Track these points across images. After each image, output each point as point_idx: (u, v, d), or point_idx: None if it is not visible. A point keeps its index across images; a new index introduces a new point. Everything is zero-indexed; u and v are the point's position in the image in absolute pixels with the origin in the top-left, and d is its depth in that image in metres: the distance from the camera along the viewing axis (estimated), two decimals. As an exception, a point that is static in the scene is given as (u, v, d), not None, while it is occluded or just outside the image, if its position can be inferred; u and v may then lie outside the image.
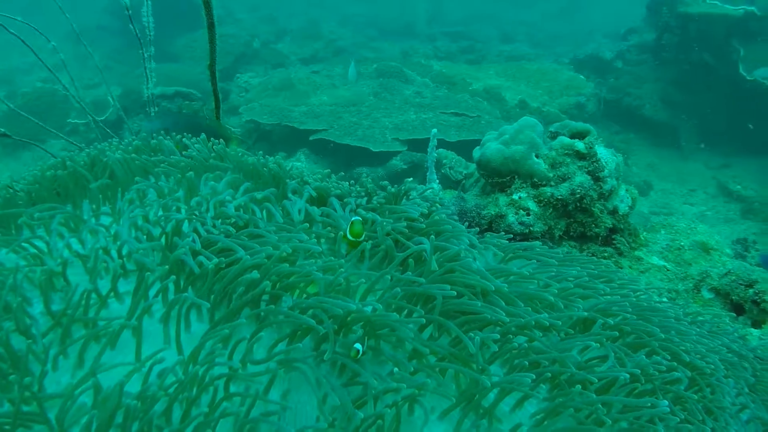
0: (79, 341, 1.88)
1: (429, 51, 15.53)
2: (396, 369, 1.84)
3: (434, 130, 5.87)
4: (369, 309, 1.96)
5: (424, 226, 2.50)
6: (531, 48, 16.75)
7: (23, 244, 2.27)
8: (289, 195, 2.57)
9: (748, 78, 9.55)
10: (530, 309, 2.21)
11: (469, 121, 9.95)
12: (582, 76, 12.79)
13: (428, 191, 2.92)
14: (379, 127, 9.46)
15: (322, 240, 2.46)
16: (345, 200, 2.61)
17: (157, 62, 5.92)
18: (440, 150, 7.45)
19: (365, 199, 2.65)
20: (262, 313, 1.87)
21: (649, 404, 1.96)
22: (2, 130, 4.53)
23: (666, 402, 1.99)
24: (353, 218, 2.23)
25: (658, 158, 11.34)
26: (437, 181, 5.36)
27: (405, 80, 11.63)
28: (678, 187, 10.60)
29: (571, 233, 3.62)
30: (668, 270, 3.67)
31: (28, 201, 2.53)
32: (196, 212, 2.27)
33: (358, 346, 1.82)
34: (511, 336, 2.09)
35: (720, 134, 10.93)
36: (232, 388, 1.78)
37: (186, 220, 2.21)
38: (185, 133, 3.07)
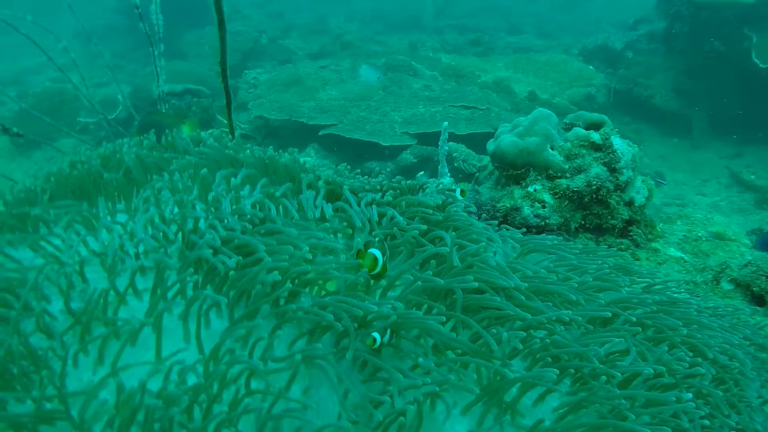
0: (100, 339, 1.87)
1: (436, 44, 15.47)
2: (421, 359, 1.82)
3: (445, 123, 5.84)
4: (389, 308, 1.94)
5: (441, 218, 2.47)
6: (539, 39, 16.65)
7: (40, 242, 2.27)
8: (304, 189, 2.55)
9: (762, 65, 9.44)
10: (551, 304, 2.19)
11: (479, 114, 9.91)
12: (591, 67, 12.71)
13: (440, 185, 2.90)
14: (389, 121, 9.44)
15: (339, 235, 2.45)
16: (360, 194, 2.59)
17: (166, 60, 5.93)
18: (450, 143, 7.41)
19: (379, 194, 2.63)
20: (281, 310, 1.85)
21: (674, 398, 1.94)
22: (15, 129, 4.55)
23: (690, 395, 1.97)
24: (371, 250, 2.03)
25: (670, 148, 11.26)
26: (448, 174, 5.33)
27: (413, 74, 11.59)
28: (690, 177, 10.51)
29: (587, 225, 3.59)
30: (686, 261, 3.64)
31: (45, 199, 2.52)
32: (212, 208, 2.26)
33: (375, 334, 1.81)
34: (532, 331, 2.07)
35: (732, 123, 10.82)
36: (253, 385, 1.77)
37: (202, 218, 2.20)
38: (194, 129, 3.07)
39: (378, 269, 1.99)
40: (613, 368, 2.01)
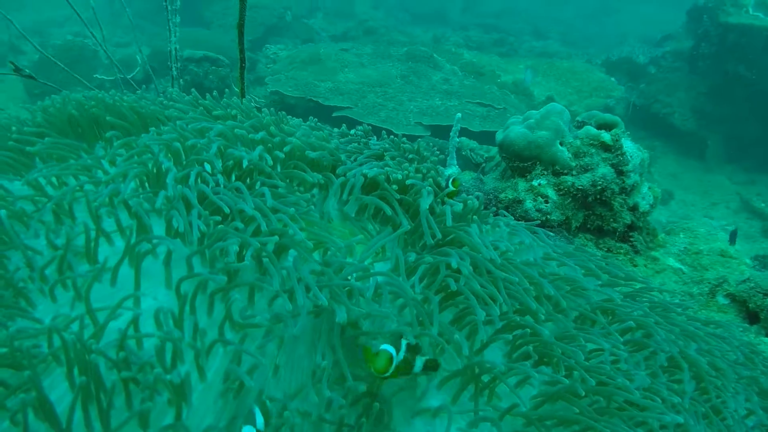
0: (80, 275, 1.85)
1: (460, 40, 15.37)
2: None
3: (458, 115, 5.80)
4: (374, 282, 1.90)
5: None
6: (563, 46, 16.51)
7: (39, 177, 2.25)
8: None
9: (784, 94, 9.34)
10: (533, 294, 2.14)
11: (495, 113, 9.84)
12: (613, 79, 12.59)
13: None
14: (404, 111, 9.39)
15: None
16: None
17: (189, 27, 5.87)
18: (462, 138, 7.36)
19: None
20: (265, 261, 1.81)
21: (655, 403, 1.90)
22: (28, 71, 4.52)
23: (679, 418, 1.90)
24: (384, 347, 1.65)
25: (682, 168, 11.16)
26: (456, 165, 5.29)
27: (434, 66, 11.52)
28: (700, 199, 10.42)
29: (588, 226, 3.54)
30: (684, 273, 3.58)
31: (43, 134, 2.50)
32: (205, 153, 2.21)
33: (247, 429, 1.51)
34: (518, 318, 2.03)
35: (748, 149, 10.72)
36: (228, 335, 1.74)
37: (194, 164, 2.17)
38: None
39: (390, 371, 1.59)
40: (596, 368, 1.97)
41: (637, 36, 16.47)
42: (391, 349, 1.59)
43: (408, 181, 2.22)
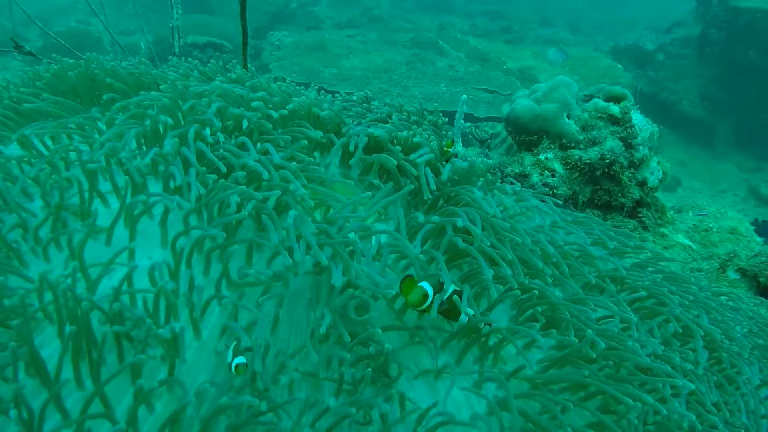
0: (73, 235, 1.80)
1: (466, 27, 15.24)
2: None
3: (464, 96, 5.69)
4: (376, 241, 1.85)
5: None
6: (570, 34, 16.36)
7: (32, 138, 2.20)
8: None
9: (795, 80, 9.21)
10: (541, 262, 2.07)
11: (500, 99, 9.75)
12: (620, 66, 12.46)
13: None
14: (409, 96, 9.31)
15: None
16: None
17: (193, 12, 5.80)
18: (467, 124, 7.29)
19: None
20: (264, 218, 1.75)
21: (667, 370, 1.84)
22: (28, 48, 4.47)
23: (690, 384, 1.84)
24: (421, 284, 1.63)
25: (690, 156, 11.05)
26: (461, 145, 5.22)
27: (439, 52, 11.43)
28: (707, 186, 10.32)
29: (596, 201, 3.47)
30: (693, 250, 3.52)
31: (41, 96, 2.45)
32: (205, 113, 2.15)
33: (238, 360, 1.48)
34: (527, 281, 1.96)
35: (757, 136, 10.60)
36: (225, 293, 1.69)
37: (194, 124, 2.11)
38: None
39: (425, 305, 1.60)
40: (605, 332, 1.91)
41: (645, 23, 16.30)
42: (428, 288, 1.62)
43: (415, 139, 2.16)
